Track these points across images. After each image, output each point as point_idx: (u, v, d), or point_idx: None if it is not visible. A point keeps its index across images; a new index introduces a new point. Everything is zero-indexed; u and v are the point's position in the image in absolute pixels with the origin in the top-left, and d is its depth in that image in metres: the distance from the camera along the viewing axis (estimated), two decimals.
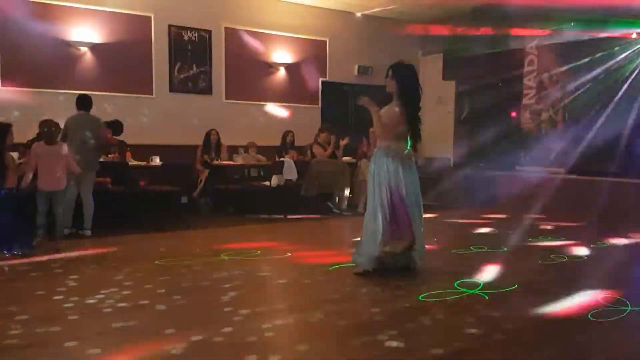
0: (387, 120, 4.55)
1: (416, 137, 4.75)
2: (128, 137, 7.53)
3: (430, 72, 11.33)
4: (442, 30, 10.73)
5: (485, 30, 9.90)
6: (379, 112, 4.58)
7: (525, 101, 9.72)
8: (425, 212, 4.93)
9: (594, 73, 8.61)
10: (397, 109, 4.55)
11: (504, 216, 7.99)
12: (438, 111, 11.31)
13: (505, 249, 5.69)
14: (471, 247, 5.73)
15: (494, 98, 9.82)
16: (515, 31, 9.60)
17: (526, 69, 9.67)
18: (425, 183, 5.36)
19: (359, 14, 10.50)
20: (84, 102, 6.37)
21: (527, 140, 9.66)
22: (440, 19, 10.79)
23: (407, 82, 4.63)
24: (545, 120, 9.46)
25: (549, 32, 9.20)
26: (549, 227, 7.09)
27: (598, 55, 8.56)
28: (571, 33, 8.79)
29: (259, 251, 5.39)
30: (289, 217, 7.67)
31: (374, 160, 4.62)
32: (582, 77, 8.76)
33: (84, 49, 7.99)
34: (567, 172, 8.62)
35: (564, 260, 5.16)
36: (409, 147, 4.68)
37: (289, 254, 5.28)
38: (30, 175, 5.38)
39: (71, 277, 4.34)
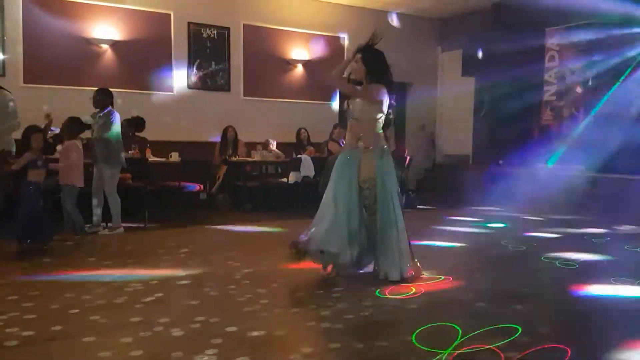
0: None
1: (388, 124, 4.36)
2: (148, 133, 7.62)
3: (450, 68, 11.27)
4: (462, 26, 10.66)
5: (505, 26, 9.79)
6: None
7: (546, 97, 9.61)
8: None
9: (617, 69, 8.47)
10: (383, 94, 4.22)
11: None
12: (457, 107, 11.25)
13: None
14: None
15: (514, 94, 9.71)
16: (536, 27, 9.48)
17: (547, 64, 9.55)
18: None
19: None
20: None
21: (548, 136, 9.54)
22: (460, 15, 10.71)
23: (378, 66, 4.28)
24: (566, 117, 9.33)
25: (571, 28, 9.08)
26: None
27: (621, 50, 8.41)
28: (593, 28, 8.66)
29: None
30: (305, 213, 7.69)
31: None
32: (604, 73, 8.61)
33: (105, 46, 8.10)
34: (589, 170, 8.49)
35: None
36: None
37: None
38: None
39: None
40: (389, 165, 4.21)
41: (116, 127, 6.09)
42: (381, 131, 4.28)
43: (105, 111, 6.04)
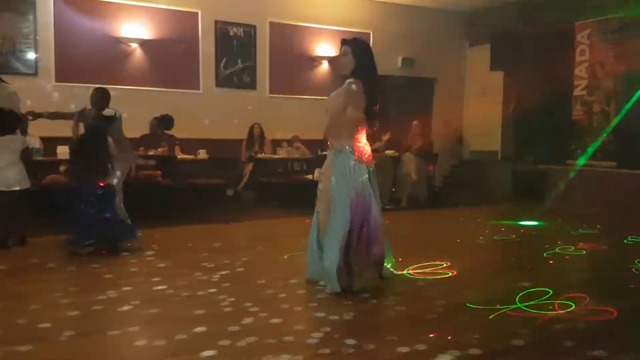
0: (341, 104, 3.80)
1: (372, 123, 3.94)
2: (176, 131, 7.73)
3: (478, 62, 11.12)
4: (490, 20, 10.51)
5: (534, 19, 9.63)
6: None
7: (576, 92, 9.40)
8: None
9: None
10: (354, 87, 3.78)
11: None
12: (485, 103, 11.11)
13: None
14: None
15: (543, 89, 9.55)
16: (566, 20, 9.29)
17: (577, 59, 9.35)
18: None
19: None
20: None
21: (579, 132, 9.36)
22: (488, 8, 10.56)
23: (366, 59, 3.91)
24: (597, 112, 9.14)
25: (601, 21, 8.88)
26: None
27: None
28: (624, 21, 8.45)
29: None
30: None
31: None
32: (636, 67, 8.40)
33: (134, 45, 8.24)
34: (621, 166, 8.31)
35: None
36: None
37: None
38: None
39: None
40: (344, 164, 3.82)
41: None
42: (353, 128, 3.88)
43: (108, 111, 5.84)
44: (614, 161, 8.48)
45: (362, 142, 3.90)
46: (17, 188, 5.15)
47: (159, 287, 3.90)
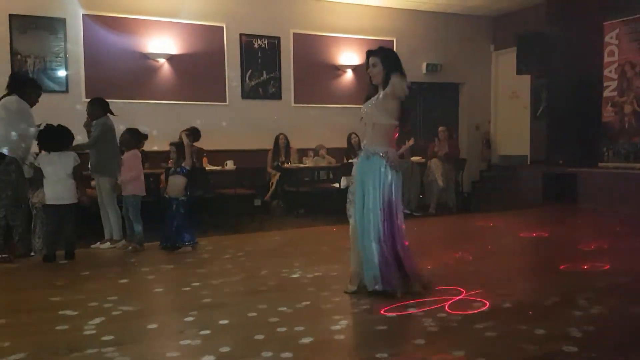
0: (387, 116, 3.83)
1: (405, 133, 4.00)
2: (204, 143, 7.81)
3: (504, 66, 11.02)
4: (515, 23, 10.40)
5: (560, 21, 9.50)
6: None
7: (606, 94, 9.22)
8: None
9: None
10: (393, 102, 3.82)
11: None
12: (513, 106, 10.98)
13: None
14: None
15: (572, 91, 9.40)
16: (594, 20, 9.15)
17: (606, 60, 9.18)
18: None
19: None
20: (107, 105, 6.04)
21: (610, 134, 9.17)
22: (513, 11, 10.47)
23: (396, 60, 3.90)
24: (629, 113, 8.94)
25: (630, 21, 8.71)
26: None
27: None
28: None
29: None
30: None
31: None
32: None
33: (161, 60, 8.40)
34: None
35: None
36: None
37: None
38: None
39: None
40: (374, 166, 3.84)
41: (109, 137, 5.92)
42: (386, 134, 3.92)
43: (98, 121, 5.90)
44: None
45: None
46: (67, 202, 5.30)
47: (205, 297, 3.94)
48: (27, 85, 5.55)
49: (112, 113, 6.02)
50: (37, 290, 4.26)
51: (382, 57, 3.92)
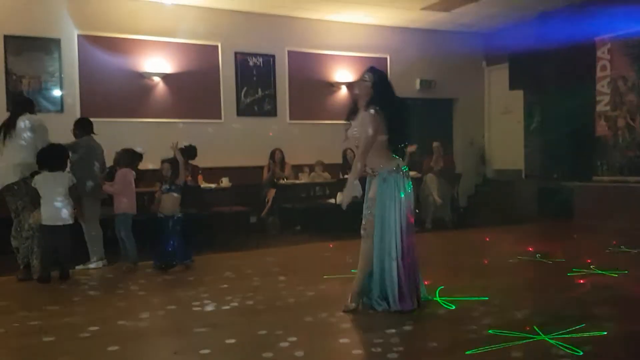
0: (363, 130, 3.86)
1: (398, 149, 3.98)
2: (199, 160, 7.83)
3: (496, 82, 11.11)
4: (507, 39, 10.50)
5: (552, 37, 9.60)
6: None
7: (599, 108, 9.29)
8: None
9: None
10: (373, 112, 3.86)
11: None
12: (506, 121, 11.04)
13: None
14: None
15: (565, 106, 9.47)
16: (585, 36, 9.24)
17: (599, 74, 9.26)
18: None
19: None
20: (90, 126, 6.08)
21: (604, 148, 9.22)
22: (505, 28, 10.57)
23: (386, 86, 4.02)
24: (622, 127, 9.00)
25: (621, 36, 8.81)
26: None
27: None
28: None
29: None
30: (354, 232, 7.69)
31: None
32: None
33: (156, 79, 8.43)
34: None
35: None
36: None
37: None
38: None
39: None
40: (392, 188, 3.87)
41: (92, 155, 5.92)
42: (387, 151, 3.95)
43: (82, 140, 5.93)
44: None
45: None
46: (63, 223, 5.28)
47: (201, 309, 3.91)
48: (32, 105, 5.64)
49: (94, 133, 6.04)
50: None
51: (376, 78, 3.99)
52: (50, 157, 5.32)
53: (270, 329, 3.53)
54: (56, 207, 5.25)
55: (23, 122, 5.35)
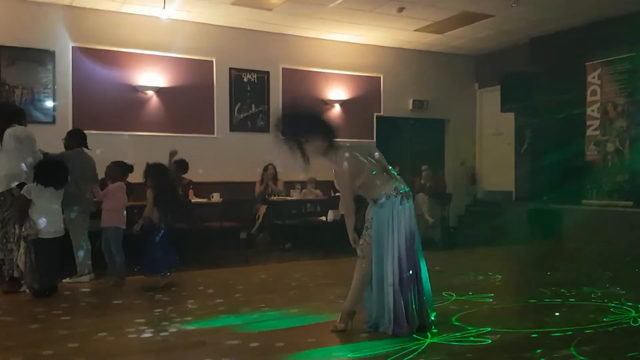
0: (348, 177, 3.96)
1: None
2: (190, 175, 7.81)
3: (488, 104, 11.21)
4: (499, 62, 10.63)
5: (544, 61, 9.73)
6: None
7: (589, 132, 9.39)
8: None
9: None
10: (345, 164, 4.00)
11: None
12: (497, 143, 11.13)
13: None
14: None
15: (556, 129, 9.57)
16: (576, 61, 9.37)
17: (589, 99, 9.38)
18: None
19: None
20: (83, 138, 6.00)
21: (593, 172, 9.30)
22: (497, 51, 10.71)
23: (324, 131, 4.20)
24: (611, 151, 9.10)
25: (612, 61, 8.95)
26: None
27: None
28: (635, 61, 8.52)
29: None
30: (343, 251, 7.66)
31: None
32: None
33: (150, 92, 8.44)
34: (637, 206, 8.22)
35: None
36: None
37: None
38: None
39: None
40: (388, 213, 3.85)
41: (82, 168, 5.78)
42: (377, 177, 3.96)
43: (73, 152, 5.85)
44: (631, 200, 8.42)
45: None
46: (59, 235, 5.22)
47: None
48: (22, 115, 5.54)
49: (87, 147, 5.96)
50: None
51: (291, 131, 4.27)
52: (51, 173, 5.12)
53: (256, 348, 3.47)
54: (52, 219, 5.15)
55: (10, 133, 5.27)
